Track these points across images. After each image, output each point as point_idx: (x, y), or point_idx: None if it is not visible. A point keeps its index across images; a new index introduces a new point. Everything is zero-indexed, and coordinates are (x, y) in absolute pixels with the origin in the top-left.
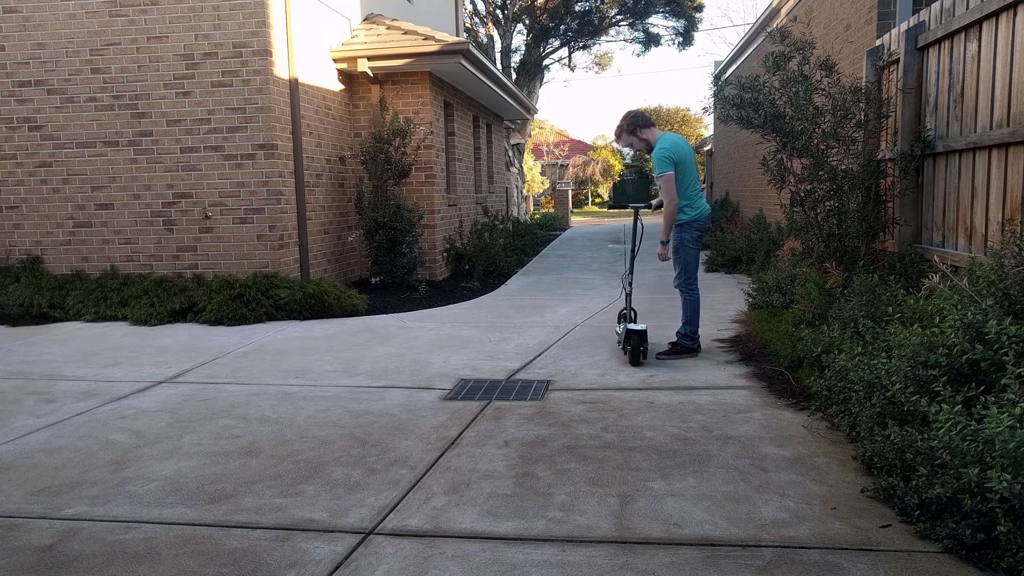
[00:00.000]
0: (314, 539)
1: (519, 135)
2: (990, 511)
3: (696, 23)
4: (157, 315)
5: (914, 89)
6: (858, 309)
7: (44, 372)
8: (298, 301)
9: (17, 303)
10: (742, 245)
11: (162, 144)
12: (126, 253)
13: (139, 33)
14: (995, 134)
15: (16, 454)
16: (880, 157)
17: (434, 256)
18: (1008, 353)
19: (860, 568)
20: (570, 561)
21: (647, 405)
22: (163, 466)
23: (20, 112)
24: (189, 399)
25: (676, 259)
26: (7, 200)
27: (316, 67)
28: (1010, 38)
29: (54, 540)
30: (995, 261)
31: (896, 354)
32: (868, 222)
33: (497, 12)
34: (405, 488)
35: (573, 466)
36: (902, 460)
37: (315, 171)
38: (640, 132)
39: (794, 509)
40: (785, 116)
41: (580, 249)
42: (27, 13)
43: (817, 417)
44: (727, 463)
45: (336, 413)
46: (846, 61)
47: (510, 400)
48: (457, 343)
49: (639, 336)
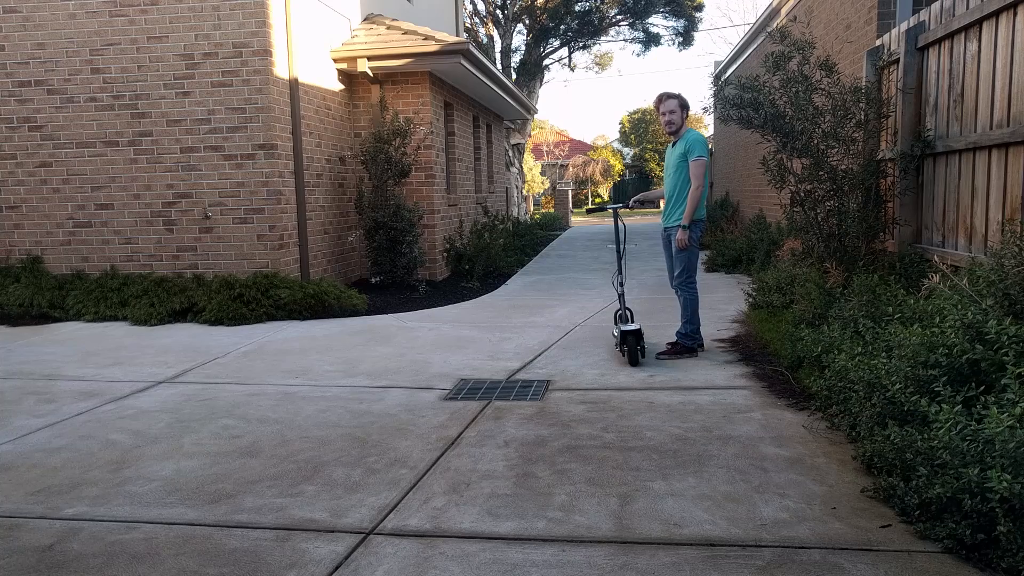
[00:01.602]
0: (314, 539)
1: (519, 135)
2: (990, 511)
3: (696, 23)
4: (157, 315)
5: (914, 89)
6: (858, 309)
7: (44, 372)
8: (298, 301)
9: (17, 303)
10: (742, 245)
11: (162, 144)
12: (126, 253)
13: (139, 33)
14: (995, 134)
15: (16, 454)
16: (880, 157)
17: (434, 256)
18: (1008, 353)
19: (860, 568)
20: (570, 561)
21: (647, 405)
22: (163, 466)
23: (20, 112)
24: (189, 399)
25: (679, 257)
26: (7, 200)
27: (316, 67)
28: (1010, 38)
29: (54, 540)
30: (995, 261)
31: (896, 354)
32: (868, 222)
33: (497, 12)
34: (405, 488)
35: (573, 466)
36: (902, 460)
37: (315, 171)
38: (684, 113)
39: (794, 509)
40: (785, 116)
41: (580, 249)
42: (27, 13)
43: (817, 417)
44: (727, 463)
45: (336, 413)
46: (846, 61)
47: (510, 400)
48: (457, 343)
49: (635, 336)
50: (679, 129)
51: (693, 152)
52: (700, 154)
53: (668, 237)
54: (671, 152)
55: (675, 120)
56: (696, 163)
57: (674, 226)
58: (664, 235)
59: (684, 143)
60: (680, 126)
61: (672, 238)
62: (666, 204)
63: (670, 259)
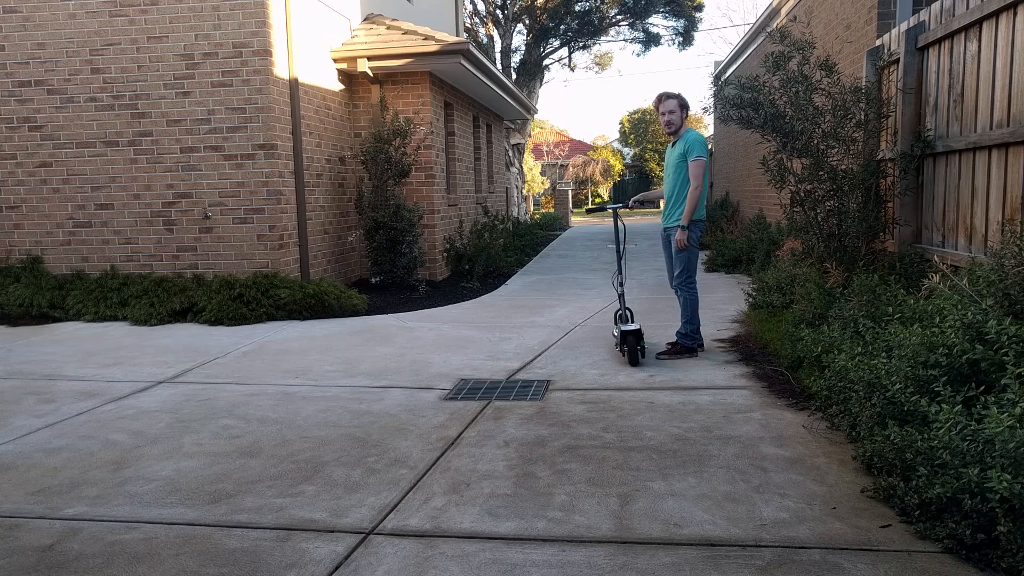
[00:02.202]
0: (314, 539)
1: (519, 135)
2: (990, 511)
3: (696, 23)
4: (157, 315)
5: (914, 89)
6: (858, 309)
7: (44, 372)
8: (298, 301)
9: (17, 303)
10: (742, 245)
11: (162, 144)
12: (126, 253)
13: (139, 33)
14: (995, 134)
15: (16, 454)
16: (880, 157)
17: (434, 256)
18: (1008, 353)
19: (860, 568)
20: (570, 561)
21: (647, 405)
22: (163, 466)
23: (20, 112)
24: (189, 399)
25: (679, 257)
26: (7, 200)
27: (316, 67)
28: (1010, 38)
29: (54, 540)
30: (995, 261)
31: (896, 354)
32: (868, 222)
33: (497, 12)
34: (405, 488)
35: (573, 466)
36: (902, 460)
37: (315, 171)
38: (684, 112)
39: (794, 509)
40: (785, 116)
41: (580, 249)
42: (27, 13)
43: (817, 417)
44: (727, 463)
45: (336, 413)
46: (846, 61)
47: (510, 400)
48: (457, 343)
49: (635, 336)
50: (679, 129)
51: (692, 152)
52: (699, 154)
53: (668, 237)
54: (671, 152)
55: (674, 120)
56: (695, 163)
57: (674, 226)
58: (664, 235)
59: (684, 143)
60: (680, 126)
61: (672, 238)
62: (666, 204)
63: (670, 259)
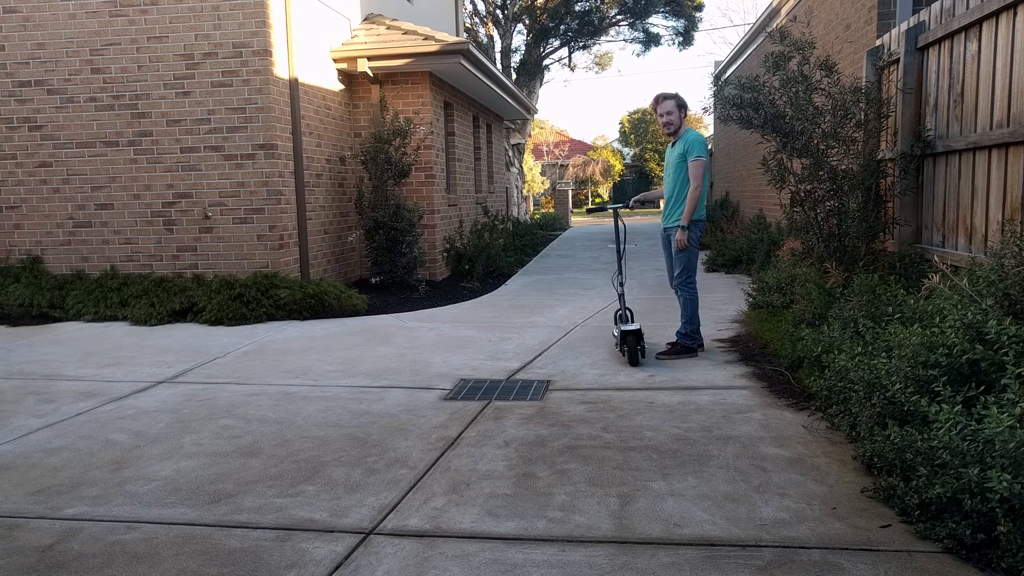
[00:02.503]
0: (314, 539)
1: (519, 135)
2: (990, 511)
3: (696, 23)
4: (157, 315)
5: (914, 89)
6: (858, 309)
7: (44, 372)
8: (298, 301)
9: (17, 303)
10: (742, 245)
11: (162, 144)
12: (126, 253)
13: (139, 33)
14: (995, 134)
15: (16, 454)
16: (880, 157)
17: (434, 256)
18: (1008, 353)
19: (860, 568)
20: (570, 561)
21: (647, 405)
22: (163, 466)
23: (20, 112)
24: (189, 399)
25: (679, 257)
26: (7, 200)
27: (316, 67)
28: (1010, 38)
29: (54, 540)
30: (995, 261)
31: (896, 354)
32: (868, 222)
33: (497, 12)
34: (405, 488)
35: (573, 466)
36: (902, 460)
37: (315, 171)
38: (683, 112)
39: (794, 509)
40: (785, 116)
41: (580, 249)
42: (27, 13)
43: (817, 417)
44: (727, 463)
45: (336, 413)
46: (846, 61)
47: (510, 400)
48: (457, 343)
49: (635, 336)
50: (678, 129)
51: (692, 152)
52: (699, 154)
53: (668, 237)
54: (670, 152)
55: (673, 121)
56: (695, 163)
57: (674, 226)
58: (664, 235)
59: (683, 143)
60: (679, 126)
61: (672, 238)
62: (666, 204)
63: (670, 259)
